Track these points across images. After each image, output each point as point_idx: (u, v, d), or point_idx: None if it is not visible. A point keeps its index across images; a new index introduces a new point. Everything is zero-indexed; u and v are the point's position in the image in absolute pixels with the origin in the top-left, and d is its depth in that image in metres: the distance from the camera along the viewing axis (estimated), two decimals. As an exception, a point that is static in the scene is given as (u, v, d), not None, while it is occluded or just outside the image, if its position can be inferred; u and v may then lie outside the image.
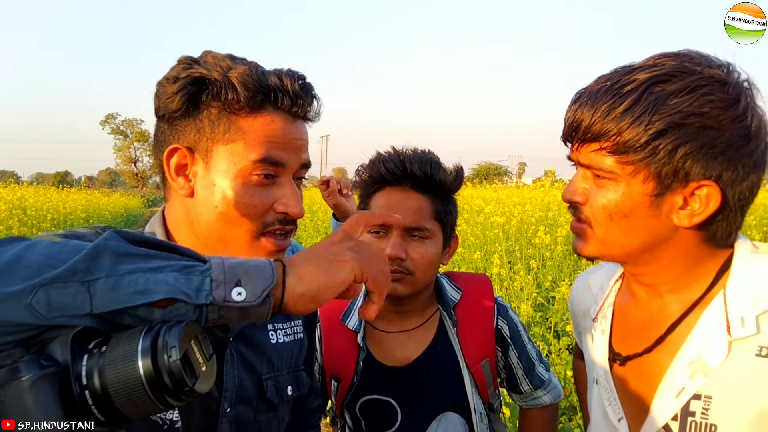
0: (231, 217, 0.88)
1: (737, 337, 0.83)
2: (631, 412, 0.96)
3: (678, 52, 0.86)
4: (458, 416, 1.34)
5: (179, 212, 0.93)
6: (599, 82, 0.88)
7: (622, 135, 0.82)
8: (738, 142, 0.81)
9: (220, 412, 0.92)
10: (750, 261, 0.87)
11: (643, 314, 0.97)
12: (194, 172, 0.90)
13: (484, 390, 1.38)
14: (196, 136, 0.88)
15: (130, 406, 0.56)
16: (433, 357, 1.36)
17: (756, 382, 0.81)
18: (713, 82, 0.82)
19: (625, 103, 0.82)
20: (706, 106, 0.80)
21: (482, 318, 1.40)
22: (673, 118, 0.80)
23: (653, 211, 0.85)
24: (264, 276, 0.64)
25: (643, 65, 0.85)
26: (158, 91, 0.90)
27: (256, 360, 0.99)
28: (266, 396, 0.99)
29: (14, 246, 0.60)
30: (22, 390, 0.54)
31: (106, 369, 0.56)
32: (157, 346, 0.56)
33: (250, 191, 0.88)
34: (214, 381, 0.63)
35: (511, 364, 1.44)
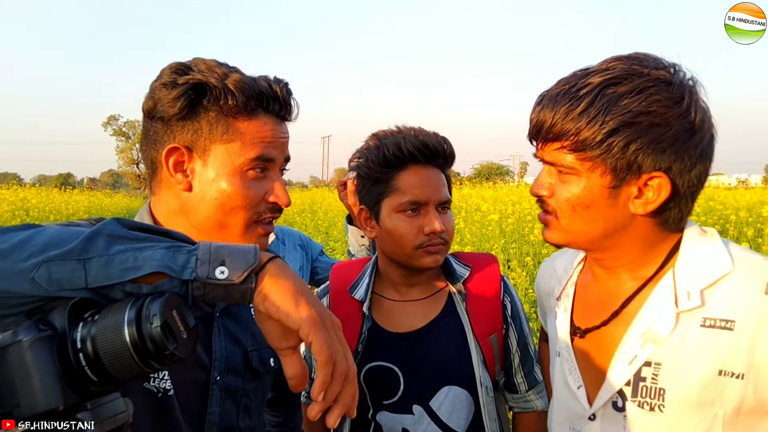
0: (229, 208, 0.98)
1: (683, 309, 0.92)
2: (589, 381, 1.04)
3: (629, 55, 0.94)
4: (465, 390, 1.39)
5: (172, 204, 1.01)
6: (559, 85, 0.96)
7: (580, 134, 0.91)
8: (684, 136, 0.90)
9: (210, 380, 1.01)
10: (697, 243, 0.96)
11: (601, 292, 1.06)
12: (192, 168, 0.99)
13: (492, 365, 1.42)
14: (194, 137, 0.97)
15: (118, 368, 0.63)
16: (440, 328, 1.42)
17: (700, 350, 0.90)
18: (659, 82, 0.90)
19: (582, 105, 0.90)
20: (653, 105, 0.88)
21: (491, 294, 1.46)
22: (625, 117, 0.88)
23: (612, 202, 0.94)
24: (247, 258, 0.70)
25: (597, 69, 0.93)
26: (154, 95, 0.98)
27: (241, 333, 1.08)
28: (252, 366, 1.08)
29: (27, 230, 0.69)
30: (22, 350, 0.61)
31: (97, 336, 0.63)
32: (141, 316, 0.63)
33: (246, 185, 0.98)
34: (194, 347, 0.69)
35: (510, 346, 1.47)
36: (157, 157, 1.00)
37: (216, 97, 0.96)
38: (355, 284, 1.48)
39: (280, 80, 1.03)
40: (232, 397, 1.05)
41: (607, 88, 0.90)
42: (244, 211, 0.98)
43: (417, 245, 1.35)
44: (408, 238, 1.35)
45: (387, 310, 1.45)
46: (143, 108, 1.00)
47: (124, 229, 0.69)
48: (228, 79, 0.96)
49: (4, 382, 0.61)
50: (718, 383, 0.89)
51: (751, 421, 0.90)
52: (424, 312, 1.44)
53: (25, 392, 0.61)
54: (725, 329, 0.89)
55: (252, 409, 1.10)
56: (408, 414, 1.38)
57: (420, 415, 1.38)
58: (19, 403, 0.61)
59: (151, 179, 1.03)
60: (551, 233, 1.02)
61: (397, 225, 1.36)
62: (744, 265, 0.92)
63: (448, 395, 1.38)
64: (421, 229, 1.34)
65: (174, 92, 0.95)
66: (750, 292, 0.89)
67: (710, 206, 7.80)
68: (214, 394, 1.01)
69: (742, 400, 0.88)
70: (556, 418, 1.13)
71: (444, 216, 1.38)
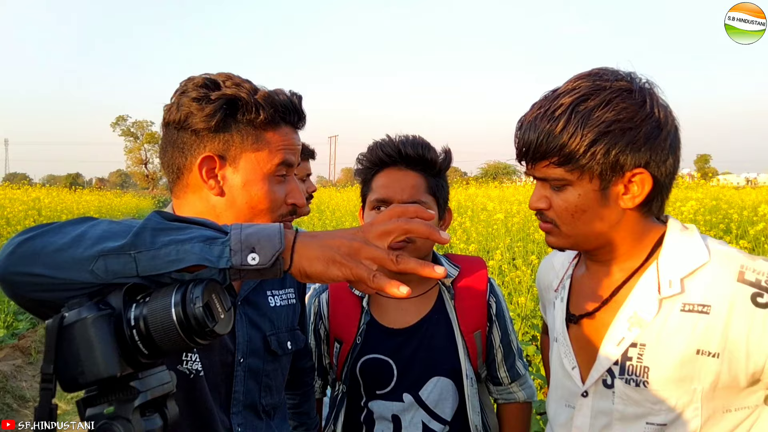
0: (258, 210, 1.09)
1: (665, 296, 1.04)
2: (582, 361, 1.15)
3: (589, 72, 1.06)
4: (451, 381, 1.51)
5: (198, 207, 1.10)
6: (534, 109, 1.08)
7: (564, 150, 1.02)
8: (653, 133, 1.02)
9: (235, 362, 1.12)
10: (678, 237, 1.08)
11: (593, 282, 1.17)
12: (223, 175, 1.08)
13: (475, 358, 1.54)
14: (225, 146, 1.07)
15: (166, 343, 0.73)
16: (430, 323, 1.54)
17: (680, 332, 1.01)
18: (622, 92, 1.02)
19: (560, 123, 1.02)
20: (622, 112, 1.00)
21: (477, 293, 1.58)
22: (600, 127, 1.00)
23: (604, 202, 1.05)
24: (273, 243, 0.78)
25: (565, 90, 1.05)
26: (184, 107, 1.05)
27: (260, 320, 1.20)
28: (271, 348, 1.20)
29: (82, 225, 0.79)
30: (86, 326, 0.71)
31: (149, 316, 0.73)
32: (185, 299, 0.73)
33: (273, 188, 1.10)
34: (231, 326, 0.79)
35: (493, 342, 1.59)
36: (184, 164, 1.08)
37: (248, 111, 1.06)
38: None
39: (295, 93, 1.14)
40: (255, 377, 1.16)
41: (578, 106, 1.02)
42: (270, 212, 1.10)
43: None
44: None
45: (383, 306, 1.57)
46: (169, 118, 1.08)
47: (165, 221, 0.79)
48: (257, 95, 1.07)
49: (71, 353, 0.71)
50: (696, 361, 0.99)
51: (727, 395, 1.01)
52: (417, 309, 1.55)
53: (88, 361, 0.71)
54: (702, 313, 1.00)
55: (272, 388, 1.22)
56: (398, 402, 1.50)
57: (410, 403, 1.50)
58: (83, 371, 0.71)
59: (175, 184, 1.12)
60: (554, 239, 1.13)
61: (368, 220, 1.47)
62: (719, 257, 1.03)
63: (436, 385, 1.50)
64: None
65: (208, 108, 1.04)
66: (723, 280, 1.00)
67: (716, 205, 7.84)
68: (238, 374, 1.13)
69: (718, 376, 0.99)
70: (553, 396, 1.24)
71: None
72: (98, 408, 0.73)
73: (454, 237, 6.77)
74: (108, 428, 0.71)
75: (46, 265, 0.74)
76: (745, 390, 1.01)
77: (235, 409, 1.12)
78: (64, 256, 0.74)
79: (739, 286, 0.98)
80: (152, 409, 0.76)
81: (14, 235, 0.80)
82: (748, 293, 0.97)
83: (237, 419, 1.12)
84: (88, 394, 0.74)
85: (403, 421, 1.50)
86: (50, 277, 0.74)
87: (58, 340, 0.71)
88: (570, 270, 1.26)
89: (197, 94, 1.05)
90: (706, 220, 6.91)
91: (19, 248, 0.75)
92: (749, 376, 0.98)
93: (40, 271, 0.74)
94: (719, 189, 10.74)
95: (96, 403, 0.74)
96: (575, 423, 1.14)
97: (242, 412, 1.14)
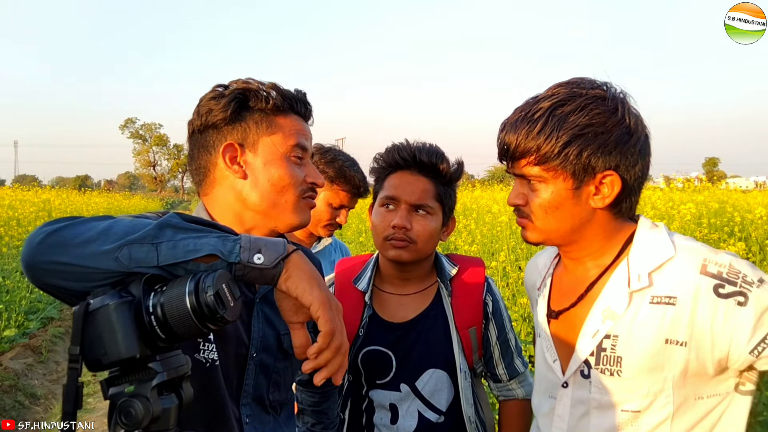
0: (280, 187, 1.17)
1: (635, 289, 1.10)
2: (562, 354, 1.21)
3: (568, 80, 1.14)
4: (446, 373, 1.58)
5: (227, 197, 1.19)
6: (516, 112, 1.15)
7: (541, 150, 1.09)
8: (623, 138, 1.09)
9: (248, 356, 1.19)
10: (647, 234, 1.15)
11: (571, 279, 1.24)
12: (245, 160, 1.18)
13: (470, 353, 1.61)
14: (243, 134, 1.17)
15: (181, 328, 0.80)
16: (428, 319, 1.61)
17: (649, 323, 1.08)
18: (596, 99, 1.10)
19: (538, 126, 1.09)
20: (594, 118, 1.08)
21: (473, 291, 1.65)
22: (574, 131, 1.08)
23: (575, 201, 1.12)
24: (278, 249, 0.89)
25: (545, 95, 1.13)
26: (203, 108, 1.17)
27: (275, 318, 1.26)
28: (283, 347, 1.26)
29: (105, 221, 0.88)
30: (109, 311, 0.78)
31: (165, 303, 0.80)
32: (198, 288, 0.80)
33: (291, 167, 1.19)
34: (239, 313, 0.86)
35: (489, 339, 1.65)
36: (210, 160, 1.19)
37: (258, 99, 1.17)
38: (359, 277, 1.68)
39: (301, 90, 1.25)
40: (265, 373, 1.22)
41: (556, 110, 1.09)
42: (293, 188, 1.18)
43: (384, 236, 1.55)
44: (379, 229, 1.57)
45: (385, 301, 1.65)
46: (193, 126, 1.20)
47: (185, 222, 0.88)
48: (265, 85, 1.19)
49: (95, 336, 0.79)
50: (665, 350, 1.05)
51: (698, 383, 1.07)
52: (416, 304, 1.63)
53: (111, 344, 0.78)
54: (669, 305, 1.06)
55: (281, 385, 1.27)
56: (396, 391, 1.58)
57: (406, 392, 1.58)
58: (106, 352, 0.78)
59: (203, 184, 1.22)
60: (529, 233, 1.20)
61: (376, 216, 1.59)
62: (683, 251, 1.09)
63: (432, 377, 1.58)
64: (390, 223, 1.54)
65: (223, 101, 1.15)
66: (688, 272, 1.06)
67: (721, 208, 7.85)
68: (250, 368, 1.19)
69: (687, 364, 1.05)
70: (537, 389, 1.31)
71: (417, 217, 1.55)
72: (120, 387, 0.81)
73: (459, 239, 6.83)
74: (129, 405, 0.78)
75: (74, 255, 0.82)
76: (715, 378, 1.07)
77: (244, 401, 1.18)
78: (92, 247, 0.83)
79: (702, 278, 1.04)
80: (169, 390, 0.83)
81: (40, 226, 0.88)
82: (711, 284, 1.03)
83: (246, 410, 1.18)
84: (111, 375, 0.82)
85: (400, 410, 1.57)
86: (77, 266, 0.82)
87: (84, 325, 0.79)
88: (551, 269, 1.33)
89: (212, 94, 1.18)
90: (711, 222, 6.93)
91: (48, 238, 0.83)
92: (716, 363, 1.04)
93: (68, 260, 0.82)
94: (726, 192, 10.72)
95: (118, 382, 0.81)
96: (556, 412, 1.21)
97: (251, 404, 1.19)
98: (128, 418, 0.78)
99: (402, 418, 1.57)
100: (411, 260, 1.57)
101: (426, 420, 1.57)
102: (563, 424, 1.19)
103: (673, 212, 6.56)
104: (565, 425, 1.19)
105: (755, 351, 1.01)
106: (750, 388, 1.09)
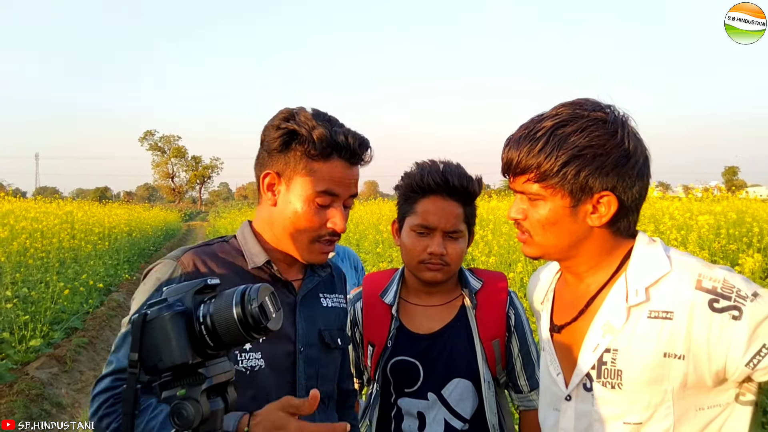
0: (297, 227, 1.30)
1: (633, 304, 1.13)
2: (565, 368, 1.25)
3: (572, 101, 1.18)
4: (470, 383, 1.65)
5: (265, 214, 1.36)
6: (520, 129, 1.19)
7: (541, 167, 1.13)
8: (621, 161, 1.12)
9: (296, 352, 1.32)
10: (644, 249, 1.18)
11: (572, 294, 1.27)
12: (279, 190, 1.32)
13: (493, 364, 1.67)
14: (284, 167, 1.30)
15: (228, 337, 0.87)
16: (453, 330, 1.68)
17: (648, 337, 1.10)
18: (597, 121, 1.13)
19: (539, 144, 1.13)
20: (594, 140, 1.11)
21: (497, 305, 1.72)
22: (573, 151, 1.11)
23: (573, 218, 1.15)
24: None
25: (549, 115, 1.16)
26: (265, 131, 1.33)
27: (316, 317, 1.39)
28: (325, 341, 1.39)
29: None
30: (165, 321, 0.86)
31: (214, 314, 0.87)
32: (244, 299, 0.88)
33: (311, 211, 1.29)
34: (281, 323, 0.93)
35: (512, 351, 1.71)
36: (260, 176, 1.34)
37: (302, 142, 1.28)
38: (386, 290, 1.76)
39: (358, 135, 1.32)
40: (313, 366, 1.35)
41: (557, 129, 1.12)
42: (309, 231, 1.30)
43: (419, 261, 1.63)
44: (414, 253, 1.64)
45: (411, 313, 1.73)
46: (261, 139, 1.35)
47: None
48: (314, 132, 1.26)
49: (151, 343, 0.86)
50: (664, 364, 1.08)
51: (697, 394, 1.10)
52: (442, 316, 1.71)
53: (166, 350, 0.86)
54: (666, 319, 1.09)
55: (327, 378, 1.40)
56: (423, 400, 1.65)
57: (433, 401, 1.65)
58: (162, 358, 0.86)
59: (258, 192, 1.37)
60: (528, 248, 1.24)
61: (409, 241, 1.65)
62: (679, 266, 1.12)
63: (457, 386, 1.65)
64: (425, 248, 1.62)
65: (277, 133, 1.29)
66: (683, 287, 1.09)
67: (739, 219, 7.80)
68: (299, 363, 1.32)
69: (686, 377, 1.07)
70: (543, 401, 1.35)
71: (450, 242, 1.63)
72: (172, 390, 0.88)
73: (476, 250, 6.87)
74: (181, 407, 0.86)
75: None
76: (714, 389, 1.09)
77: (299, 395, 1.29)
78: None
79: (698, 293, 1.07)
80: (215, 394, 0.91)
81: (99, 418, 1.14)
82: (706, 299, 1.06)
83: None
84: (164, 379, 0.89)
85: (428, 418, 1.64)
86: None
87: (142, 334, 0.86)
88: (553, 284, 1.37)
89: (276, 123, 1.31)
90: (729, 233, 6.89)
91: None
92: (714, 375, 1.07)
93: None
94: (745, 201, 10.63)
95: (170, 386, 0.88)
96: (561, 425, 1.23)
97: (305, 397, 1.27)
98: (180, 419, 0.86)
99: (429, 425, 1.63)
100: (444, 280, 1.66)
101: (452, 427, 1.63)
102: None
103: (691, 222, 6.54)
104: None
105: (751, 363, 1.03)
106: (750, 399, 1.11)
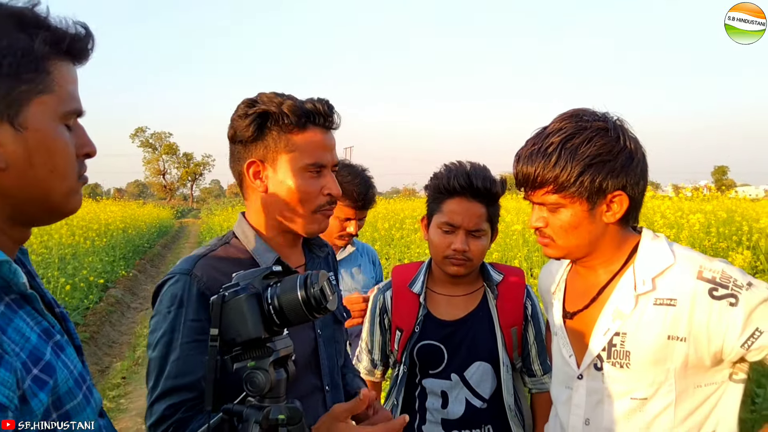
0: (296, 201, 1.32)
1: (640, 293, 1.28)
2: (577, 350, 1.40)
3: (571, 114, 1.31)
4: (490, 366, 1.82)
5: (257, 204, 1.36)
6: (529, 146, 1.31)
7: (558, 180, 1.25)
8: (626, 162, 1.26)
9: (316, 337, 1.41)
10: (650, 243, 1.33)
11: (583, 284, 1.42)
12: (266, 175, 1.32)
13: (511, 350, 1.84)
14: (264, 151, 1.31)
15: (293, 316, 1.00)
16: (476, 318, 1.85)
17: (653, 322, 1.26)
18: (600, 130, 1.26)
19: (553, 159, 1.25)
20: (601, 148, 1.25)
21: (516, 296, 1.89)
22: (585, 161, 1.24)
23: (591, 220, 1.29)
24: None
25: (553, 129, 1.29)
26: (234, 124, 1.32)
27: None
28: (337, 319, 1.50)
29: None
30: (241, 301, 0.99)
31: (281, 295, 1.00)
32: (307, 283, 1.01)
33: (306, 183, 1.31)
34: (336, 305, 1.07)
35: (527, 338, 1.89)
36: (241, 170, 1.34)
37: (276, 120, 1.30)
38: (413, 281, 1.92)
39: (322, 99, 1.35)
40: (331, 344, 1.45)
41: (566, 143, 1.25)
42: (308, 202, 1.33)
43: (444, 256, 1.79)
44: (439, 249, 1.80)
45: (437, 302, 1.89)
46: (228, 135, 1.35)
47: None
48: (283, 105, 1.29)
49: (229, 321, 0.99)
50: (668, 345, 1.23)
51: (696, 373, 1.25)
52: (465, 305, 1.87)
53: (242, 327, 0.99)
54: (670, 306, 1.24)
55: (341, 352, 1.52)
56: (447, 380, 1.81)
57: (456, 381, 1.81)
58: (240, 333, 0.99)
59: (241, 188, 1.39)
60: (551, 251, 1.38)
61: (436, 237, 1.81)
62: (682, 259, 1.27)
63: (478, 368, 1.82)
64: (449, 245, 1.77)
65: (246, 120, 1.30)
66: (686, 278, 1.24)
67: (729, 218, 7.99)
68: (320, 343, 1.41)
69: (687, 357, 1.23)
70: (555, 381, 1.51)
71: (473, 239, 1.78)
72: (243, 362, 1.01)
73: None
74: (253, 375, 0.99)
75: None
76: (711, 369, 1.24)
77: (324, 371, 1.40)
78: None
79: (699, 282, 1.21)
80: (278, 366, 1.04)
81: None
82: (706, 288, 1.20)
83: (326, 380, 1.40)
84: (234, 353, 1.02)
85: (450, 397, 1.80)
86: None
87: (221, 312, 1.00)
88: (565, 275, 1.52)
89: (239, 112, 1.32)
90: (720, 231, 7.07)
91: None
92: (712, 356, 1.22)
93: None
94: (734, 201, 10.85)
95: (241, 359, 1.02)
96: (573, 401, 1.38)
97: (328, 375, 1.41)
98: (253, 386, 0.99)
99: (451, 403, 1.80)
100: (467, 274, 1.82)
101: (472, 406, 1.79)
102: (580, 411, 1.37)
103: (683, 221, 6.72)
104: (582, 412, 1.36)
105: (746, 344, 1.18)
106: (742, 377, 1.27)
